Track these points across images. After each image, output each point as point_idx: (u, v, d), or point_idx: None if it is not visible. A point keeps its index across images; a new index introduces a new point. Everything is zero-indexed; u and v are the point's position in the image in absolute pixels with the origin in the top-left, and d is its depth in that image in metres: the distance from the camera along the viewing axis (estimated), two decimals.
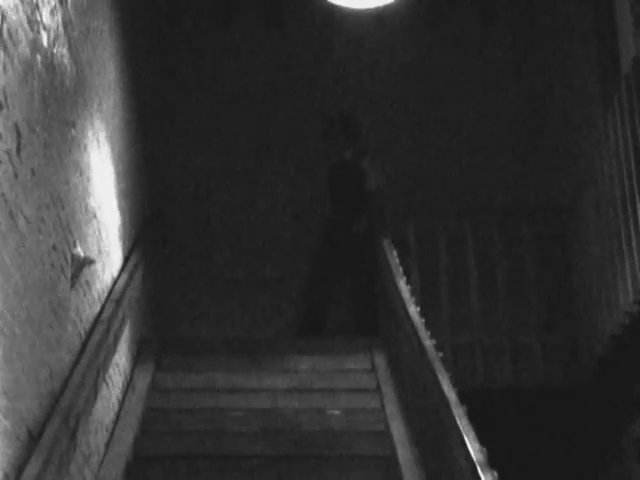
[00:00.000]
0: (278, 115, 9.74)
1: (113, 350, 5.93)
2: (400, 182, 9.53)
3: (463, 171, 9.52)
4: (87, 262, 5.16)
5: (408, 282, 6.91)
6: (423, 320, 6.03)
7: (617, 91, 6.78)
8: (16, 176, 3.83)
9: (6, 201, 3.68)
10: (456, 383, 5.02)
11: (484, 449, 4.18)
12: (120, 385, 6.42)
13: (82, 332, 5.19)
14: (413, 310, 6.23)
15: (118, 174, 6.68)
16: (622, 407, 7.32)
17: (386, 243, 7.72)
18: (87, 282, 5.36)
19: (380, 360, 7.33)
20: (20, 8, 3.90)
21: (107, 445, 5.81)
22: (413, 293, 6.68)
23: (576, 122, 8.20)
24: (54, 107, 4.58)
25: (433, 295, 8.09)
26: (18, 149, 3.87)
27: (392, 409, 6.53)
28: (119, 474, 5.58)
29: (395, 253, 7.47)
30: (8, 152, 3.73)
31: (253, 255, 9.38)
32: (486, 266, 8.24)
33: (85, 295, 5.30)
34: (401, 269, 7.13)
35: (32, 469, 3.76)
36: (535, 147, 9.44)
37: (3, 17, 3.65)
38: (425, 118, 9.70)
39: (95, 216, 5.66)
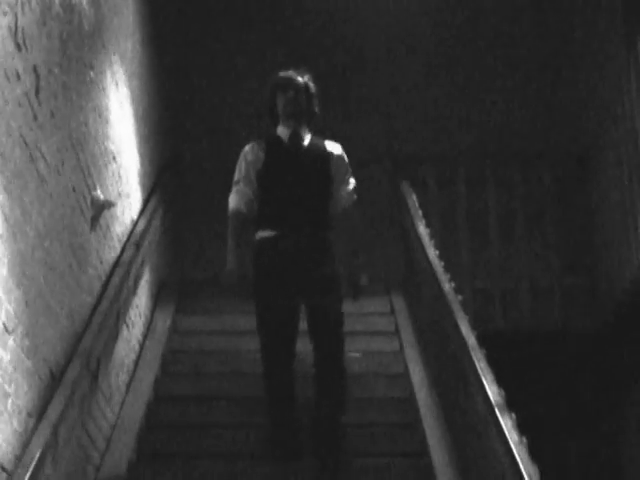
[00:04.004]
0: (300, 54, 9.64)
1: (133, 293, 5.97)
2: (419, 126, 9.48)
3: (483, 115, 9.45)
4: (107, 205, 5.16)
5: (428, 225, 6.90)
6: (442, 263, 6.03)
7: None
8: (35, 118, 3.82)
9: (26, 143, 3.68)
10: (475, 326, 5.02)
11: (502, 392, 4.19)
12: (140, 327, 6.46)
13: (102, 275, 5.22)
14: (432, 253, 6.22)
15: (137, 117, 6.67)
16: (639, 351, 7.33)
17: (405, 185, 7.69)
18: (107, 225, 5.38)
19: (399, 303, 7.35)
20: None
21: (128, 386, 5.87)
22: (432, 236, 6.67)
23: (598, 65, 8.11)
24: (72, 49, 4.56)
25: (452, 238, 8.07)
26: (37, 91, 3.86)
27: (411, 352, 6.55)
28: (140, 414, 5.64)
29: (414, 197, 7.45)
30: (27, 94, 3.72)
31: None
32: (506, 209, 8.21)
33: (105, 238, 5.32)
34: (420, 212, 7.11)
35: (54, 409, 3.80)
36: (556, 90, 9.35)
37: None
38: (444, 61, 9.60)
39: (114, 159, 5.66)
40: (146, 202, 6.85)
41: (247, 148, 5.40)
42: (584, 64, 8.49)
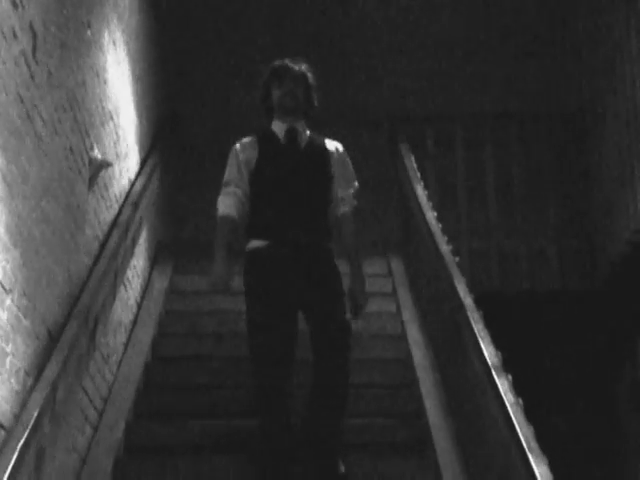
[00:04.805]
0: (297, 14, 9.60)
1: (131, 253, 5.97)
2: (417, 87, 9.44)
3: (481, 76, 9.41)
4: (104, 165, 5.15)
5: (425, 187, 6.89)
6: (440, 225, 6.03)
7: None
8: (32, 77, 3.80)
9: (23, 102, 3.66)
10: (472, 288, 5.03)
11: (499, 353, 4.20)
12: (138, 287, 6.47)
13: (100, 235, 5.22)
14: (430, 215, 6.22)
15: (135, 76, 6.64)
16: (637, 312, 7.35)
17: (403, 147, 7.67)
18: (105, 185, 5.37)
19: (397, 264, 7.36)
20: None
21: (126, 346, 5.89)
22: (430, 198, 6.66)
23: (598, 24, 8.06)
24: (69, 7, 4.52)
25: (450, 200, 8.06)
26: (34, 50, 3.83)
27: (408, 313, 6.57)
28: (138, 374, 5.66)
29: (412, 158, 7.43)
30: (24, 53, 3.69)
31: None
32: (504, 170, 8.19)
33: (103, 198, 5.31)
34: (418, 174, 7.11)
35: (52, 368, 3.81)
36: (554, 49, 9.31)
37: None
38: (441, 20, 9.55)
39: (112, 118, 5.63)
40: (144, 162, 6.84)
41: (238, 145, 4.78)
42: (584, 23, 8.44)
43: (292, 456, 4.48)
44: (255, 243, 4.59)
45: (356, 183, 4.85)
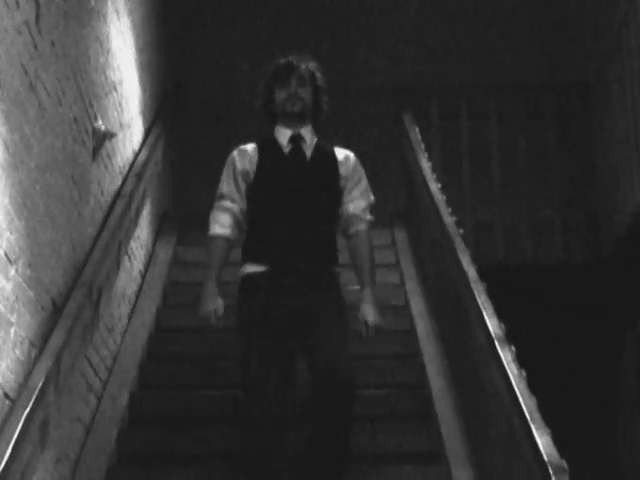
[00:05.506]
0: None
1: (135, 224, 5.97)
2: (422, 58, 9.40)
3: (487, 46, 9.38)
4: (108, 136, 5.14)
5: (429, 158, 6.87)
6: (444, 197, 6.02)
7: None
8: (35, 47, 3.79)
9: (26, 72, 3.65)
10: (476, 259, 5.03)
11: (502, 324, 4.20)
12: (142, 258, 6.48)
13: (104, 206, 5.21)
14: (434, 187, 6.21)
15: (138, 46, 6.61)
16: None
17: (407, 118, 7.65)
18: (108, 156, 5.36)
19: (400, 236, 7.35)
20: None
21: (130, 316, 5.90)
22: (434, 170, 6.65)
23: None
24: None
25: (455, 172, 8.03)
26: (37, 19, 3.82)
27: (411, 284, 6.57)
28: (142, 344, 5.68)
29: (416, 129, 7.40)
30: (27, 22, 3.68)
31: None
32: (508, 142, 8.16)
33: (106, 169, 5.31)
34: (423, 145, 7.09)
35: (57, 338, 3.82)
36: (559, 21, 9.26)
37: None
38: None
39: (115, 89, 5.62)
40: (147, 133, 6.83)
41: (235, 153, 4.25)
42: None
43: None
44: (250, 268, 4.14)
45: (372, 197, 4.40)
